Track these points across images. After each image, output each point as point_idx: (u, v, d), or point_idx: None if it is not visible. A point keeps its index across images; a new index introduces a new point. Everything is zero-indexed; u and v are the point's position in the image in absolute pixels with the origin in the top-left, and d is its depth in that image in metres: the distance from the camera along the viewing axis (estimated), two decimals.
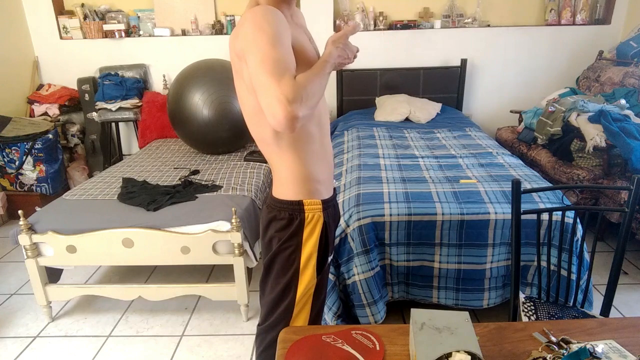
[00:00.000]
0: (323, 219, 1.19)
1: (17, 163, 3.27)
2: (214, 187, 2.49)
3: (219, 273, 2.66)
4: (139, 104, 3.79)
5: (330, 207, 1.23)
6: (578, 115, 2.87)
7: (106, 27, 3.82)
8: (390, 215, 1.97)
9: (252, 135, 1.22)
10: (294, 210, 1.18)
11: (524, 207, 1.46)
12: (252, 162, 2.94)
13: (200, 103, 2.90)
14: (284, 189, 1.19)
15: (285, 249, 1.19)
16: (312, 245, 1.19)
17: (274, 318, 1.25)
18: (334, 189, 1.31)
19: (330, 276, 1.94)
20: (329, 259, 1.27)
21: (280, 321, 1.24)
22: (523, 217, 1.46)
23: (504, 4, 3.84)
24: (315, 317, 1.28)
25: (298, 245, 1.19)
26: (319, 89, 1.02)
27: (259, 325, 1.32)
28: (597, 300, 1.83)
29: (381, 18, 3.82)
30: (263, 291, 1.29)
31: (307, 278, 1.20)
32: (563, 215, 1.48)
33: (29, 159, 3.28)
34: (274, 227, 1.20)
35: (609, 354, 0.94)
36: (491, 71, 3.96)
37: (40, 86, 3.92)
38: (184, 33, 3.88)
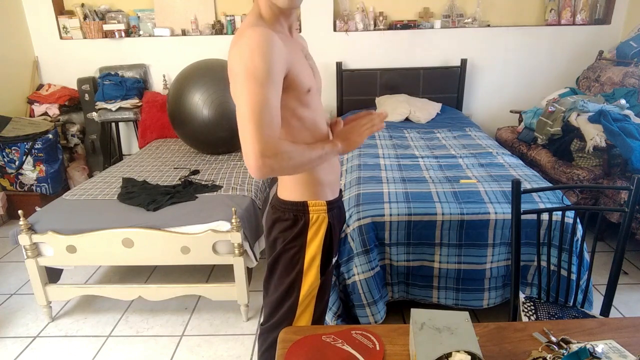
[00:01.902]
0: (328, 220, 1.19)
1: (17, 163, 3.27)
2: (214, 187, 2.49)
3: (219, 273, 2.66)
4: (139, 104, 3.79)
5: (335, 209, 1.23)
6: (578, 115, 2.87)
7: (106, 27, 3.82)
8: (390, 215, 1.97)
9: None
10: (298, 211, 1.18)
11: (524, 207, 1.46)
12: None
13: (200, 103, 2.90)
14: (289, 190, 1.19)
15: (289, 249, 1.19)
16: (317, 246, 1.19)
17: (276, 318, 1.25)
18: (340, 190, 1.31)
19: None
20: (333, 260, 1.27)
21: (283, 321, 1.24)
22: (523, 217, 1.46)
23: (504, 4, 3.84)
24: (318, 319, 1.28)
25: (302, 246, 1.19)
26: (305, 166, 1.06)
27: (261, 325, 1.33)
28: (597, 300, 1.83)
29: (381, 18, 3.82)
30: (266, 291, 1.29)
31: (310, 279, 1.20)
32: (563, 215, 1.48)
33: (29, 159, 3.28)
34: (278, 228, 1.20)
35: (609, 354, 0.94)
36: (491, 71, 3.96)
37: (40, 86, 3.92)
38: (184, 33, 3.88)
